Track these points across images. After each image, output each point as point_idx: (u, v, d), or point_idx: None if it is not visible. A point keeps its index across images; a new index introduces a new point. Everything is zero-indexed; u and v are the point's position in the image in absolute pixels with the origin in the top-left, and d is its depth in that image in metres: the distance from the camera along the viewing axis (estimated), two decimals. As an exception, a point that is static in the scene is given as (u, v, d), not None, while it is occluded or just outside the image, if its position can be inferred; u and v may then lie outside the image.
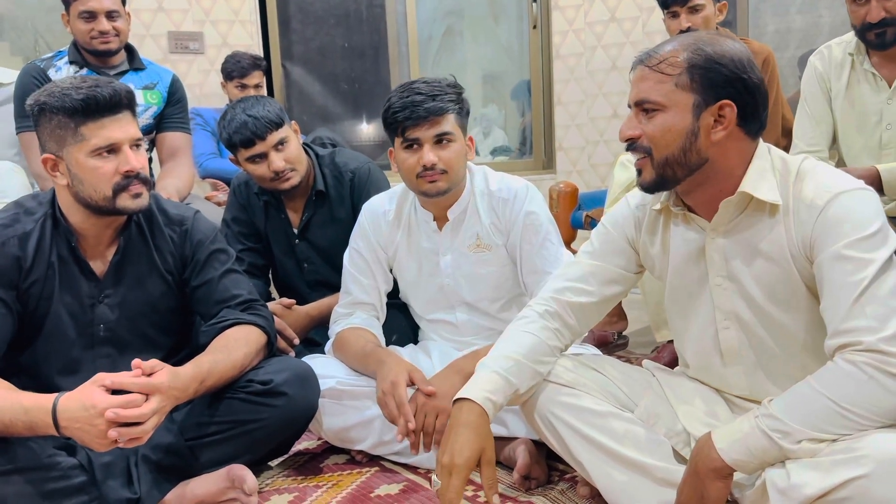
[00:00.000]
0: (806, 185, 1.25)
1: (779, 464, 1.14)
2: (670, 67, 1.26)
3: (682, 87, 1.25)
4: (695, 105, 1.25)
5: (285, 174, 2.11)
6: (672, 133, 1.26)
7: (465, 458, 1.30)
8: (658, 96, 1.27)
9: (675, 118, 1.26)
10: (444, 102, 1.74)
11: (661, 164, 1.28)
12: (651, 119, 1.28)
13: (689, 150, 1.26)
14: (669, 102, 1.26)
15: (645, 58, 1.30)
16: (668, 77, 1.26)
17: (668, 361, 2.21)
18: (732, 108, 1.25)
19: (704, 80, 1.24)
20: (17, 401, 1.39)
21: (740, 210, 1.30)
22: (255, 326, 1.69)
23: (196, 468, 1.62)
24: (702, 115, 1.25)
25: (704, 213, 1.34)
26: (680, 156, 1.27)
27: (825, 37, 3.81)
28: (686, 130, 1.26)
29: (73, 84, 1.52)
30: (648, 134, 1.28)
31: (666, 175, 1.29)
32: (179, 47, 3.94)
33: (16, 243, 1.57)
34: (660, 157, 1.28)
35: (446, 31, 4.71)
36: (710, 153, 1.27)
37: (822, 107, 2.26)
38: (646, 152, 1.29)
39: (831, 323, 1.18)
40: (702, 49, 1.26)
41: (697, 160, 1.27)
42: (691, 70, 1.25)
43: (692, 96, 1.25)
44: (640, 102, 1.29)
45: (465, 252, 1.89)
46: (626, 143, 1.32)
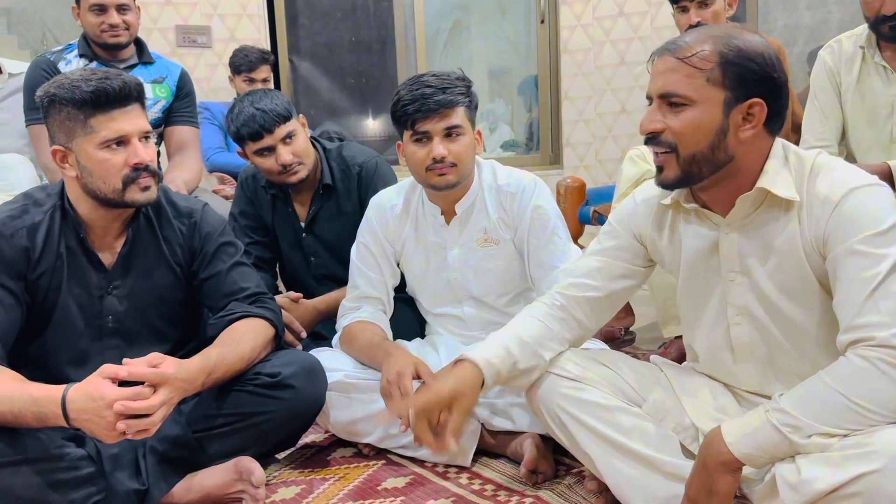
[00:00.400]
0: (820, 180, 1.24)
1: (789, 458, 1.14)
2: (702, 61, 1.21)
3: (714, 83, 1.21)
4: (725, 102, 1.22)
5: (293, 167, 2.11)
6: (702, 130, 1.23)
7: (439, 388, 1.35)
8: (688, 90, 1.22)
9: (706, 114, 1.22)
10: (453, 95, 1.73)
11: (687, 161, 1.25)
12: (678, 114, 1.24)
13: (717, 148, 1.23)
14: (700, 98, 1.22)
15: (673, 48, 1.25)
16: (699, 71, 1.21)
17: (676, 357, 2.20)
18: (763, 106, 1.22)
19: (737, 77, 1.21)
20: (26, 391, 1.39)
21: (756, 206, 1.29)
22: (263, 319, 1.69)
23: (203, 460, 1.62)
24: (731, 113, 1.22)
25: (719, 209, 1.33)
26: (708, 153, 1.24)
27: (834, 33, 3.79)
28: (716, 128, 1.23)
29: (83, 76, 1.52)
30: (675, 129, 1.24)
31: (691, 172, 1.26)
32: (187, 41, 3.95)
33: (24, 234, 1.58)
34: (686, 154, 1.24)
35: (454, 26, 4.70)
36: (736, 151, 1.25)
37: (831, 101, 2.25)
38: (670, 147, 1.25)
39: (844, 318, 1.17)
40: (733, 43, 1.21)
41: (724, 158, 1.25)
42: (724, 66, 1.21)
43: (724, 92, 1.21)
44: (666, 95, 1.25)
45: (473, 246, 1.89)
46: (648, 136, 1.28)
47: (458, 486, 1.67)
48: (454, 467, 1.76)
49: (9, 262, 1.55)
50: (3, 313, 1.53)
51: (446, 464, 1.77)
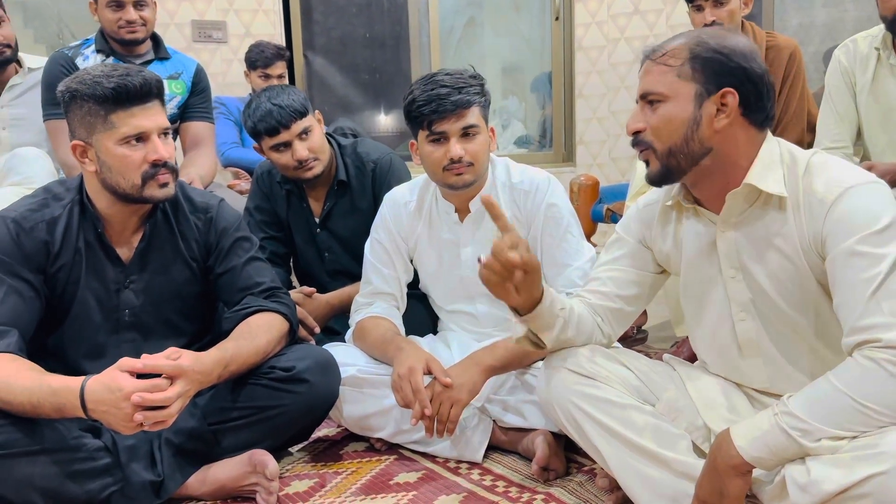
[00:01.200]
0: (816, 179, 1.25)
1: (798, 460, 1.14)
2: (672, 59, 1.28)
3: (684, 77, 1.27)
4: (696, 94, 1.27)
5: (308, 163, 2.12)
6: (674, 122, 1.28)
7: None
8: (661, 87, 1.29)
9: (677, 108, 1.28)
10: (469, 95, 1.74)
11: (664, 155, 1.30)
12: (655, 110, 1.30)
13: (691, 139, 1.28)
14: (671, 92, 1.28)
15: (650, 52, 1.33)
16: (669, 68, 1.28)
17: (688, 356, 2.20)
18: (735, 95, 1.26)
19: (706, 69, 1.26)
20: (45, 382, 1.41)
21: (749, 203, 1.31)
22: (278, 314, 1.70)
23: (218, 453, 1.64)
24: (704, 104, 1.27)
25: (713, 207, 1.35)
26: (682, 145, 1.28)
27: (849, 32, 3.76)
28: (688, 119, 1.27)
29: (104, 72, 1.54)
30: (652, 125, 1.30)
31: (671, 165, 1.30)
32: (203, 36, 3.97)
33: (44, 228, 1.60)
34: (663, 148, 1.30)
35: (468, 23, 4.70)
36: (713, 142, 1.28)
37: (846, 102, 2.24)
38: (648, 146, 1.31)
39: (847, 320, 1.17)
40: (704, 41, 1.28)
41: (700, 149, 1.28)
42: (693, 60, 1.27)
43: (694, 86, 1.27)
44: (644, 95, 1.32)
45: (487, 244, 1.88)
46: (632, 136, 1.34)
47: (469, 482, 1.68)
48: (466, 463, 1.78)
49: (29, 255, 1.58)
50: (23, 306, 1.55)
51: (458, 459, 1.79)
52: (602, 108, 4.24)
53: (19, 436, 1.42)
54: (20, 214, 1.59)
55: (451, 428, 1.65)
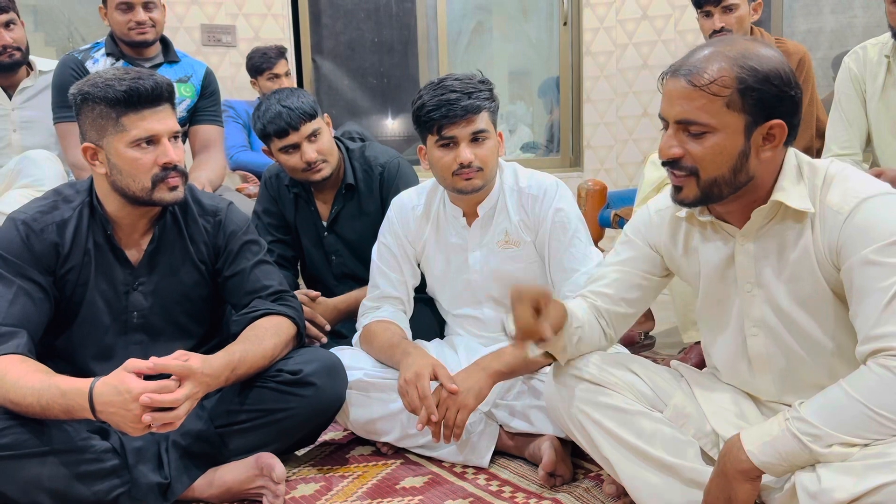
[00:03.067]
0: (833, 190, 1.24)
1: (809, 467, 1.14)
2: (720, 88, 1.20)
3: (734, 108, 1.21)
4: (746, 126, 1.21)
5: (317, 165, 2.13)
6: (724, 155, 1.22)
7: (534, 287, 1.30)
8: (708, 118, 1.21)
9: (727, 140, 1.22)
10: (479, 100, 1.74)
11: (708, 184, 1.25)
12: (699, 141, 1.23)
13: (739, 171, 1.24)
14: (720, 125, 1.21)
15: (687, 73, 1.22)
16: (717, 98, 1.20)
17: (696, 362, 2.20)
18: (783, 128, 1.22)
19: (756, 101, 1.20)
20: (54, 384, 1.42)
21: (770, 217, 1.30)
22: (286, 317, 1.71)
23: (225, 455, 1.64)
24: (753, 136, 1.22)
25: (734, 221, 1.33)
26: (730, 176, 1.24)
27: (859, 38, 3.76)
28: (738, 152, 1.22)
29: (116, 75, 1.55)
30: (697, 156, 1.24)
31: (712, 193, 1.26)
32: (212, 40, 3.99)
33: (54, 230, 1.61)
34: (708, 178, 1.24)
35: (476, 27, 4.70)
36: (756, 171, 1.25)
37: (856, 109, 2.23)
38: (691, 172, 1.25)
39: (862, 329, 1.17)
40: (749, 65, 1.20)
41: (745, 179, 1.25)
42: (743, 91, 1.20)
43: (744, 117, 1.21)
44: (685, 122, 1.24)
45: (494, 248, 1.89)
46: (666, 161, 1.28)
47: (475, 487, 1.68)
48: (472, 468, 1.77)
49: (38, 256, 1.58)
50: (32, 307, 1.56)
51: (464, 464, 1.78)
52: (610, 112, 4.24)
53: (28, 436, 1.43)
54: (30, 216, 1.60)
55: (457, 433, 1.64)
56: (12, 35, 2.52)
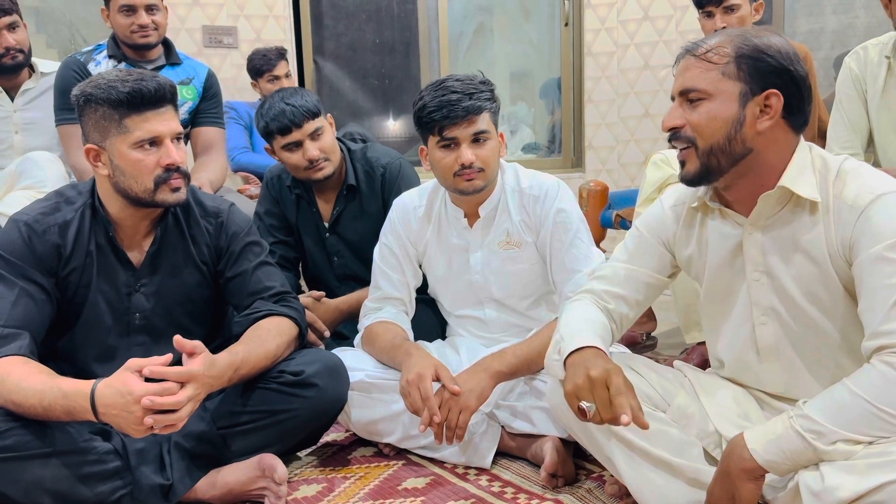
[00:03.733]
0: (848, 185, 1.24)
1: (812, 466, 1.14)
2: (717, 56, 1.26)
3: (729, 76, 1.26)
4: (741, 94, 1.25)
5: (319, 163, 2.14)
6: (718, 121, 1.26)
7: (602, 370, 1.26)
8: (704, 84, 1.27)
9: (721, 106, 1.26)
10: (480, 101, 1.74)
11: (705, 153, 1.28)
12: (696, 108, 1.28)
13: (734, 139, 1.26)
14: (716, 91, 1.26)
15: (692, 48, 1.31)
16: (714, 66, 1.26)
17: (698, 363, 2.20)
18: (779, 97, 1.25)
19: (752, 70, 1.25)
20: (56, 385, 1.42)
21: (780, 206, 1.30)
22: (288, 318, 1.71)
23: (227, 456, 1.64)
24: (748, 105, 1.25)
25: (743, 209, 1.34)
26: (725, 144, 1.27)
27: (860, 38, 3.75)
28: (732, 119, 1.26)
29: (118, 77, 1.55)
30: (693, 123, 1.28)
31: (710, 165, 1.29)
32: (213, 41, 3.99)
33: (56, 231, 1.61)
34: (704, 146, 1.28)
35: (477, 29, 4.71)
36: (755, 143, 1.27)
37: (857, 109, 2.23)
38: (690, 142, 1.29)
39: (869, 325, 1.17)
40: (750, 40, 1.26)
41: (742, 150, 1.27)
42: (739, 59, 1.25)
43: (739, 85, 1.25)
44: (685, 91, 1.29)
45: (496, 249, 1.89)
46: (669, 133, 1.32)
47: (477, 488, 1.68)
48: (474, 469, 1.77)
49: (41, 258, 1.58)
50: (34, 308, 1.56)
51: (466, 465, 1.78)
52: (611, 113, 4.24)
53: (30, 438, 1.43)
54: (32, 218, 1.60)
55: (460, 434, 1.65)
56: (15, 37, 2.53)
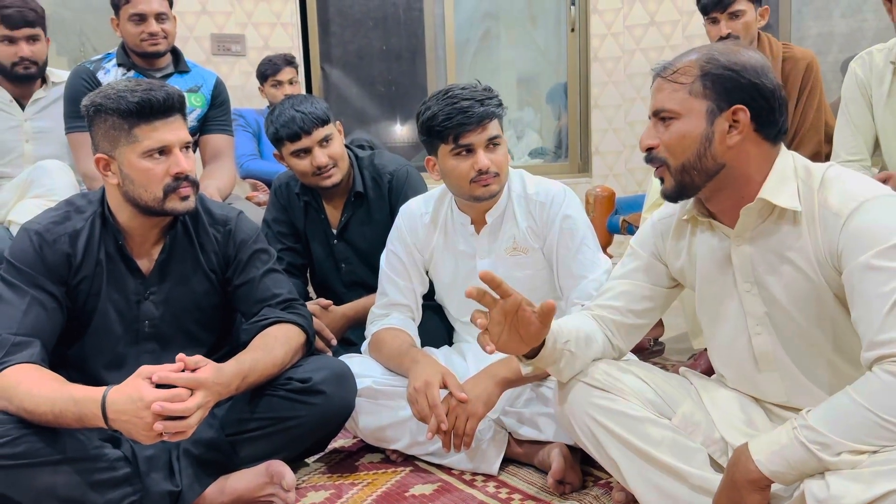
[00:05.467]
0: (831, 193, 1.25)
1: (818, 475, 1.13)
2: (684, 76, 1.29)
3: (696, 95, 1.28)
4: (708, 111, 1.28)
5: (328, 170, 2.15)
6: (687, 139, 1.29)
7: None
8: (673, 104, 1.30)
9: (690, 125, 1.29)
10: (492, 107, 1.75)
11: (678, 171, 1.31)
12: (668, 127, 1.31)
13: (703, 156, 1.29)
14: (684, 110, 1.29)
15: (661, 70, 1.34)
16: (681, 86, 1.29)
17: (705, 369, 2.20)
18: (746, 112, 1.27)
19: (717, 86, 1.27)
20: (67, 392, 1.43)
21: (763, 217, 1.31)
22: (295, 325, 1.72)
23: (236, 463, 1.65)
24: (716, 121, 1.28)
25: (728, 221, 1.35)
26: (696, 161, 1.29)
27: (869, 41, 3.75)
28: (700, 136, 1.28)
29: (128, 86, 1.57)
30: (665, 142, 1.31)
31: (685, 181, 1.32)
32: (222, 49, 4.02)
33: (66, 241, 1.62)
34: (676, 164, 1.31)
35: (483, 35, 4.72)
36: (726, 158, 1.29)
37: (863, 114, 2.23)
38: (662, 162, 1.32)
39: (866, 335, 1.17)
40: (715, 58, 1.29)
41: (714, 165, 1.29)
42: (704, 77, 1.28)
43: (706, 102, 1.28)
44: (657, 112, 1.33)
45: (502, 255, 1.90)
46: (646, 153, 1.35)
47: (484, 495, 1.68)
48: (481, 475, 1.78)
49: (51, 267, 1.60)
50: (45, 317, 1.57)
51: (473, 472, 1.79)
52: (618, 118, 4.24)
53: (42, 445, 1.44)
54: (43, 227, 1.62)
55: (467, 442, 1.65)
56: (32, 49, 2.55)
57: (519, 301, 1.28)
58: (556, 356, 1.40)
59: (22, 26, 2.50)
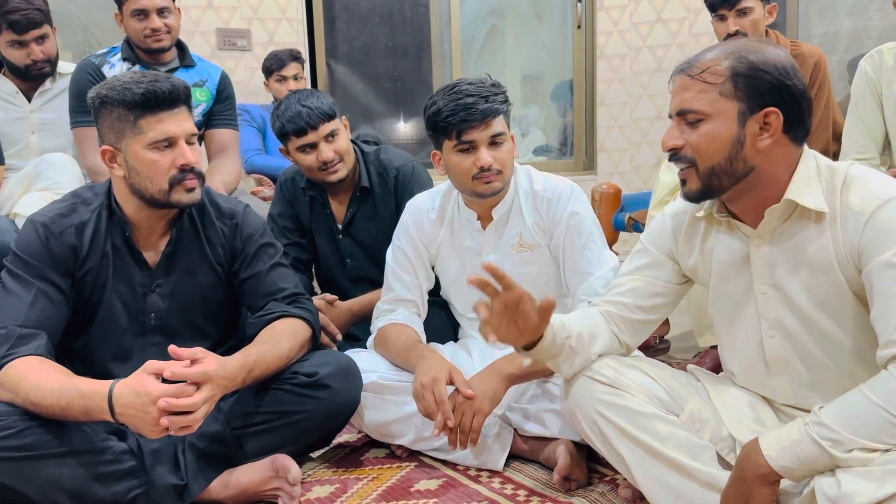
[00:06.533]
0: (853, 192, 1.23)
1: (828, 472, 1.13)
2: (713, 76, 1.24)
3: (727, 96, 1.24)
4: (740, 113, 1.24)
5: (333, 165, 2.15)
6: (717, 142, 1.25)
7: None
8: (702, 105, 1.25)
9: (721, 127, 1.25)
10: (496, 103, 1.74)
11: (706, 174, 1.27)
12: (695, 129, 1.27)
13: (734, 159, 1.25)
14: (714, 111, 1.25)
15: (686, 67, 1.29)
16: (711, 86, 1.24)
17: (711, 367, 2.19)
18: (778, 115, 1.24)
19: (749, 88, 1.23)
20: (74, 385, 1.43)
21: (785, 217, 1.29)
22: (301, 319, 1.71)
23: (241, 457, 1.65)
24: (747, 123, 1.24)
25: (749, 221, 1.33)
26: (726, 165, 1.26)
27: (874, 41, 3.74)
28: (732, 139, 1.25)
29: (133, 78, 1.56)
30: (693, 144, 1.27)
31: (712, 184, 1.28)
32: (227, 44, 4.01)
33: (73, 232, 1.62)
34: (705, 167, 1.27)
35: (489, 31, 4.71)
36: (756, 161, 1.26)
37: (872, 113, 2.22)
38: (690, 163, 1.28)
39: (883, 333, 1.16)
40: (745, 56, 1.24)
41: (744, 168, 1.26)
42: (735, 78, 1.23)
43: (737, 104, 1.24)
44: (682, 112, 1.28)
45: (509, 251, 1.89)
46: (670, 153, 1.31)
47: (490, 490, 1.68)
48: (487, 471, 1.77)
49: (57, 259, 1.60)
50: (51, 309, 1.57)
51: (479, 467, 1.78)
52: (624, 116, 4.23)
53: (48, 437, 1.44)
54: (49, 219, 1.62)
55: (473, 438, 1.65)
56: (43, 49, 2.54)
57: (520, 295, 1.28)
58: (555, 350, 1.39)
59: (30, 29, 2.49)
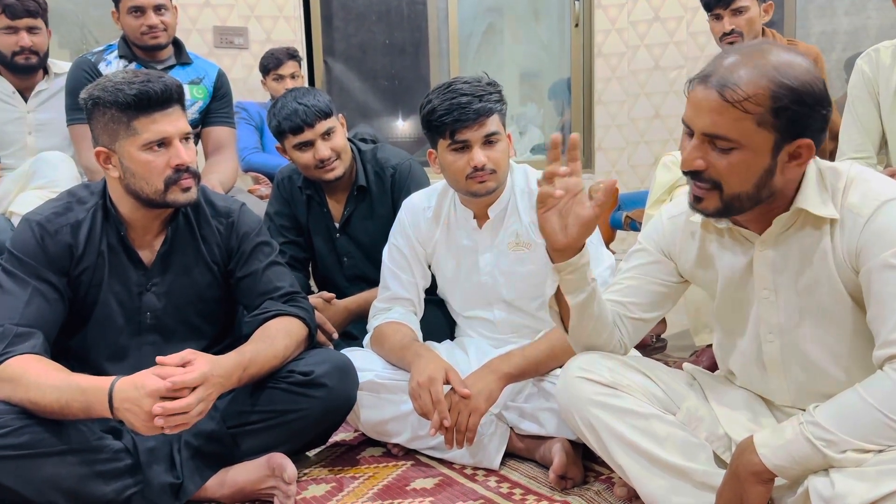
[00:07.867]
0: (852, 193, 1.23)
1: (822, 471, 1.13)
2: (754, 106, 1.15)
3: (764, 126, 1.16)
4: (775, 144, 1.18)
5: (330, 163, 2.15)
6: (749, 172, 1.19)
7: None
8: (737, 135, 1.17)
9: (754, 157, 1.18)
10: (491, 103, 1.74)
11: (730, 198, 1.22)
12: (724, 155, 1.19)
13: (762, 187, 1.21)
14: (748, 142, 1.17)
15: (720, 86, 1.17)
16: (748, 115, 1.16)
17: (708, 365, 2.19)
18: (811, 148, 1.19)
19: (788, 121, 1.16)
20: (74, 382, 1.43)
21: (790, 223, 1.28)
22: (297, 318, 1.71)
23: (237, 455, 1.65)
24: (780, 154, 1.20)
25: (754, 228, 1.31)
26: (753, 192, 1.21)
27: (872, 39, 3.74)
28: (763, 170, 1.20)
29: (125, 79, 1.56)
30: (720, 170, 1.20)
31: (733, 206, 1.24)
32: (224, 42, 4.01)
33: (68, 231, 1.62)
34: (731, 193, 1.22)
35: (487, 29, 4.71)
36: (779, 185, 1.23)
37: (869, 112, 2.22)
38: (713, 185, 1.22)
39: (879, 333, 1.16)
40: (785, 83, 1.15)
41: (768, 195, 1.23)
42: (777, 111, 1.15)
43: (773, 135, 1.17)
44: (712, 136, 1.19)
45: (505, 250, 1.90)
46: (689, 173, 1.25)
47: (486, 489, 1.68)
48: (482, 470, 1.77)
49: (53, 258, 1.60)
50: (47, 308, 1.57)
51: (475, 466, 1.79)
52: (621, 114, 4.23)
53: (44, 436, 1.44)
54: (45, 218, 1.62)
55: (470, 437, 1.65)
56: (33, 39, 2.54)
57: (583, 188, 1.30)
58: (580, 283, 1.36)
59: (23, 16, 2.50)
